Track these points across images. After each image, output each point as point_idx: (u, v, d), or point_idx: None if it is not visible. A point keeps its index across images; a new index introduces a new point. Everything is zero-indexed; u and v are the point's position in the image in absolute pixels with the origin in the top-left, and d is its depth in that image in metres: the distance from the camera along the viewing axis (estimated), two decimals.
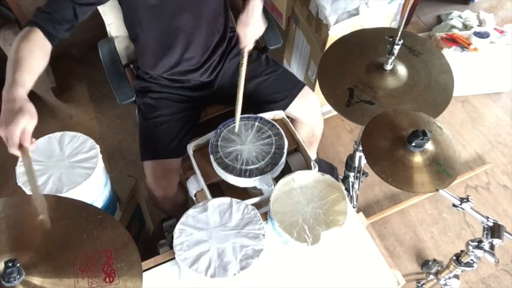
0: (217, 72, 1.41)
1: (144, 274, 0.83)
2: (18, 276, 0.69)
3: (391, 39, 1.15)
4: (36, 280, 0.70)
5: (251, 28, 1.20)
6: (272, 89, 1.39)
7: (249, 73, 1.41)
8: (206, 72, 1.39)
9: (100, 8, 1.36)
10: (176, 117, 1.37)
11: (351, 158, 1.57)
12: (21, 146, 0.89)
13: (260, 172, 1.10)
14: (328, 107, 2.01)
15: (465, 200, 1.15)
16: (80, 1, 1.09)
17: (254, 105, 1.39)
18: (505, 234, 1.11)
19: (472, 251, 1.18)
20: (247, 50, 1.20)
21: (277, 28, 1.51)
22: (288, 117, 1.29)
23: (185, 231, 0.92)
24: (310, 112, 1.43)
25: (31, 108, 0.92)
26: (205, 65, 1.38)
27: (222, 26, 1.38)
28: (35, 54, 1.02)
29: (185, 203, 1.54)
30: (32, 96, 0.96)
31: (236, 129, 1.18)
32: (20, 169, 1.06)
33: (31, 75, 0.99)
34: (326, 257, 1.01)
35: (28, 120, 0.89)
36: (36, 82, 1.02)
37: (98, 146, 1.11)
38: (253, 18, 1.20)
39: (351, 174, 1.60)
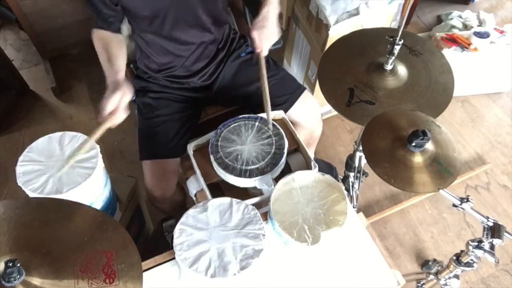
0: (217, 75, 1.42)
1: (144, 274, 0.83)
2: (18, 276, 0.69)
3: (391, 39, 1.15)
4: (36, 280, 0.70)
5: (267, 32, 1.19)
6: (273, 93, 1.39)
7: (251, 76, 1.41)
8: (205, 75, 1.40)
9: None
10: (175, 117, 1.37)
11: (351, 158, 1.57)
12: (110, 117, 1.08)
13: (260, 172, 1.10)
14: (328, 107, 2.01)
15: (465, 200, 1.15)
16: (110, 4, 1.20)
17: (254, 106, 1.39)
18: (505, 234, 1.11)
19: (472, 251, 1.18)
20: (263, 56, 1.20)
21: None
22: None
23: (185, 231, 0.92)
24: (310, 116, 1.43)
25: (125, 86, 1.11)
26: (205, 69, 1.39)
27: (223, 32, 1.38)
28: (112, 45, 1.21)
29: (183, 203, 1.54)
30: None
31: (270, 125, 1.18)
32: (20, 169, 1.06)
33: (121, 60, 1.20)
34: (326, 257, 1.01)
35: (119, 96, 1.08)
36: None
37: (98, 146, 1.11)
38: (269, 22, 1.19)
39: (351, 174, 1.60)
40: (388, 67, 1.21)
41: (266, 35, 1.18)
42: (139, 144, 1.37)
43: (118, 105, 1.08)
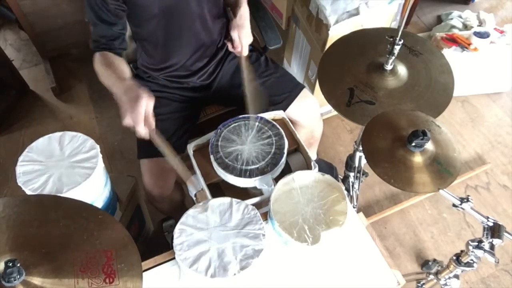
0: (215, 75, 1.42)
1: (144, 274, 0.83)
2: (18, 276, 0.68)
3: (391, 39, 1.15)
4: (36, 280, 0.70)
5: (246, 31, 1.24)
6: (271, 91, 1.39)
7: (249, 75, 1.41)
8: (205, 75, 1.40)
9: None
10: (174, 116, 1.37)
11: (351, 158, 1.57)
12: (145, 126, 1.03)
13: (260, 172, 1.10)
14: (328, 107, 2.01)
15: (465, 200, 1.15)
16: (112, 20, 1.18)
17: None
18: (505, 234, 1.11)
19: (472, 251, 1.18)
20: (244, 56, 1.24)
21: (277, 28, 1.51)
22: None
23: (185, 231, 0.92)
24: (309, 114, 1.43)
25: (144, 92, 1.03)
26: (205, 69, 1.39)
27: (223, 32, 1.38)
28: (117, 62, 1.19)
29: (182, 203, 1.54)
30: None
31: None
32: (20, 169, 1.06)
33: (125, 68, 1.19)
34: (326, 257, 1.01)
35: (146, 102, 1.01)
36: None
37: (98, 146, 1.11)
38: (246, 21, 1.25)
39: (351, 174, 1.60)
40: (388, 67, 1.21)
41: (245, 34, 1.24)
42: (138, 142, 1.37)
43: (147, 113, 1.02)
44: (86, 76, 2.36)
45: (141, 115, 1.00)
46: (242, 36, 1.23)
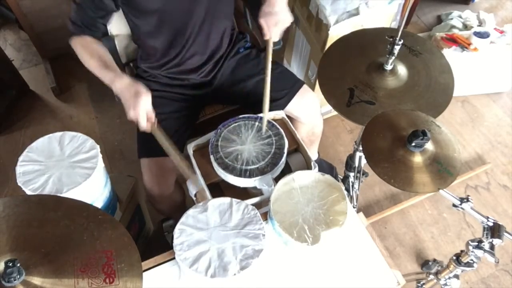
0: (216, 71, 1.42)
1: (144, 274, 0.83)
2: (18, 276, 0.68)
3: (391, 39, 1.15)
4: (36, 280, 0.70)
5: (275, 18, 1.15)
6: (271, 88, 1.39)
7: (250, 71, 1.42)
8: (205, 71, 1.40)
9: None
10: (174, 116, 1.37)
11: (351, 158, 1.57)
12: (148, 122, 1.12)
13: (260, 172, 1.10)
14: (328, 107, 2.01)
15: (465, 200, 1.15)
16: (98, 14, 1.22)
17: (254, 103, 1.39)
18: (505, 234, 1.11)
19: (472, 251, 1.18)
20: (271, 42, 1.17)
21: None
22: (288, 117, 1.29)
23: (185, 231, 0.92)
24: (309, 110, 1.43)
25: (142, 88, 1.11)
26: (205, 66, 1.39)
27: (227, 28, 1.39)
28: (102, 51, 1.22)
29: (182, 204, 1.54)
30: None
31: (263, 131, 1.17)
32: (20, 169, 1.06)
33: (116, 66, 1.20)
34: (326, 257, 1.01)
35: (145, 98, 1.09)
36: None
37: (98, 146, 1.11)
38: (277, 7, 1.16)
39: (351, 174, 1.60)
40: (388, 67, 1.21)
41: (274, 21, 1.15)
42: (138, 142, 1.37)
43: (148, 108, 1.10)
44: (86, 76, 2.35)
45: (143, 110, 1.09)
46: (270, 24, 1.16)
